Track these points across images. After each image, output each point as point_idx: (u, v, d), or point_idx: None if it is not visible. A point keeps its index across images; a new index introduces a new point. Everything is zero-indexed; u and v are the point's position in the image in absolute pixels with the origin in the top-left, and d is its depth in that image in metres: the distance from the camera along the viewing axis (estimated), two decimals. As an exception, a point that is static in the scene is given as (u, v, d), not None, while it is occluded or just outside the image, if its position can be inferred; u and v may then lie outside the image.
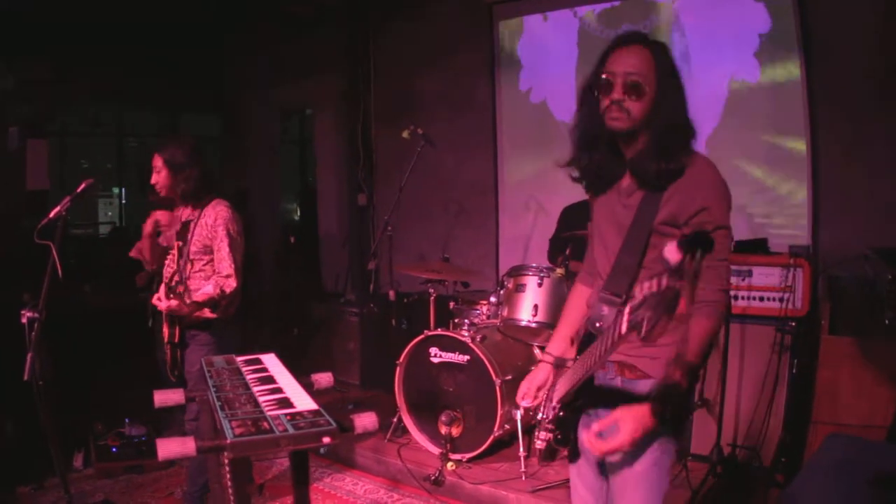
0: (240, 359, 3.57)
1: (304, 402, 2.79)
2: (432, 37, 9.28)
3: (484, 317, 6.72)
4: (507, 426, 5.95)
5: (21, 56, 8.00)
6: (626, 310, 2.18)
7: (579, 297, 3.38)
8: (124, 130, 11.96)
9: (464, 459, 6.01)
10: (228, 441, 2.39)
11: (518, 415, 5.78)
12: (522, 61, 8.73)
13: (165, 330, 4.94)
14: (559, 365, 3.22)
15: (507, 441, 6.21)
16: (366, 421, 2.68)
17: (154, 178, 4.99)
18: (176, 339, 4.92)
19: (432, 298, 6.74)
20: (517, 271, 6.20)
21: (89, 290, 5.67)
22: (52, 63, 8.42)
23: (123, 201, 14.21)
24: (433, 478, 5.74)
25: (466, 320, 6.57)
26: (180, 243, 4.94)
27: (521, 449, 5.73)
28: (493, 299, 6.63)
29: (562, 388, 3.00)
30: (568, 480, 3.50)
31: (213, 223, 4.94)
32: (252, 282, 8.97)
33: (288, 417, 2.58)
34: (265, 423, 2.52)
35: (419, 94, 9.41)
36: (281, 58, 9.91)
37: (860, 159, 6.41)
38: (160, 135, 10.64)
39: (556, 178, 8.34)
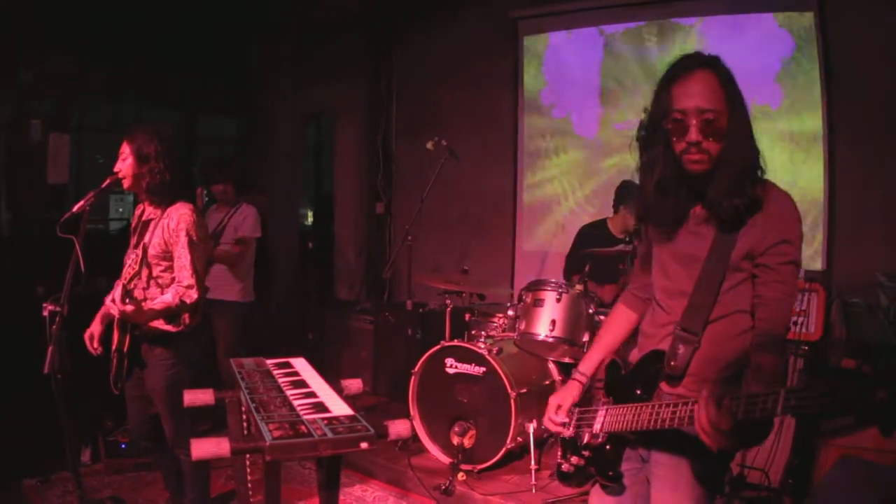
0: (269, 361, 3.59)
1: (339, 407, 2.81)
2: (456, 48, 9.35)
3: (500, 329, 6.72)
4: (519, 439, 5.96)
5: (42, 50, 8.02)
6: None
7: (622, 320, 3.31)
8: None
9: (475, 470, 6.02)
10: (267, 443, 2.40)
11: (531, 428, 5.79)
12: (546, 76, 8.77)
13: (115, 336, 4.61)
14: (590, 386, 3.19)
15: (519, 454, 6.22)
16: (400, 428, 2.70)
17: (118, 166, 4.62)
18: (125, 348, 4.58)
19: (449, 309, 6.77)
20: (536, 286, 6.20)
21: (103, 284, 5.67)
22: (73, 58, 8.43)
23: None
24: (443, 487, 5.74)
25: (483, 332, 6.61)
26: (145, 244, 4.61)
27: (533, 462, 5.73)
28: (510, 312, 6.64)
29: (611, 420, 2.90)
30: (578, 495, 3.47)
31: (174, 227, 4.56)
32: (269, 286, 9.04)
33: (325, 422, 2.59)
34: (303, 427, 2.53)
35: (441, 106, 9.48)
36: (304, 63, 9.93)
37: (877, 187, 6.49)
38: (178, 134, 10.61)
39: (574, 196, 8.43)
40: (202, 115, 11.12)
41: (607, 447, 2.96)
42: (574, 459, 3.08)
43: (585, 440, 3.05)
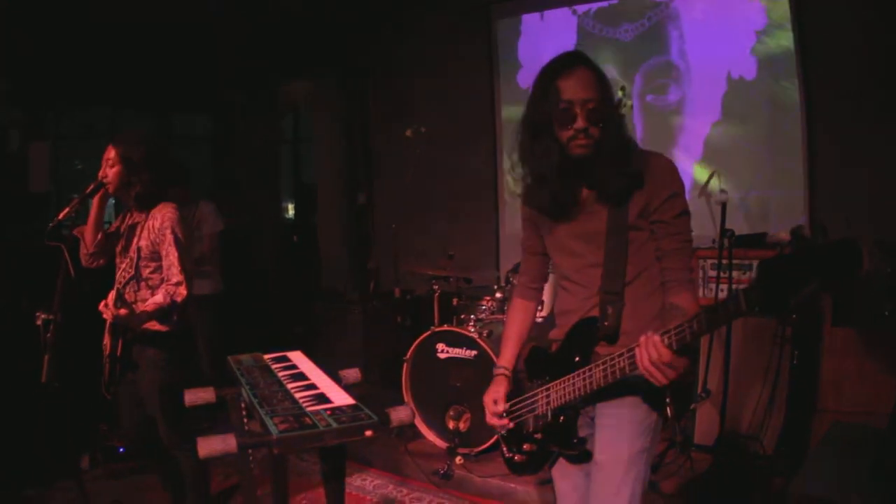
0: (267, 356, 3.61)
1: (340, 397, 2.84)
2: (431, 35, 9.36)
3: (488, 312, 6.72)
4: (514, 419, 5.98)
5: (15, 60, 7.98)
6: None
7: (523, 312, 3.54)
8: (117, 132, 11.82)
9: (472, 453, 6.05)
10: (274, 437, 2.43)
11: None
12: (521, 59, 8.79)
13: (107, 341, 4.55)
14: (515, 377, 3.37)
15: (515, 434, 6.24)
16: (402, 414, 2.74)
17: (103, 172, 4.55)
18: (118, 353, 4.51)
19: (436, 295, 6.81)
20: (523, 267, 6.24)
21: (89, 290, 5.66)
22: (45, 66, 8.39)
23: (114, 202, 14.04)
24: (442, 472, 5.80)
25: (472, 316, 6.62)
26: (139, 248, 4.55)
27: (530, 442, 5.77)
28: (497, 295, 6.69)
29: (559, 395, 3.02)
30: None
31: (160, 226, 4.52)
32: (255, 281, 9.03)
33: (328, 412, 2.62)
34: (307, 419, 2.56)
35: (418, 93, 9.47)
36: (278, 56, 9.92)
37: (858, 153, 6.48)
38: (155, 135, 10.54)
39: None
40: (177, 114, 11.09)
41: (560, 419, 3.06)
42: (526, 447, 3.23)
43: (531, 427, 3.19)
